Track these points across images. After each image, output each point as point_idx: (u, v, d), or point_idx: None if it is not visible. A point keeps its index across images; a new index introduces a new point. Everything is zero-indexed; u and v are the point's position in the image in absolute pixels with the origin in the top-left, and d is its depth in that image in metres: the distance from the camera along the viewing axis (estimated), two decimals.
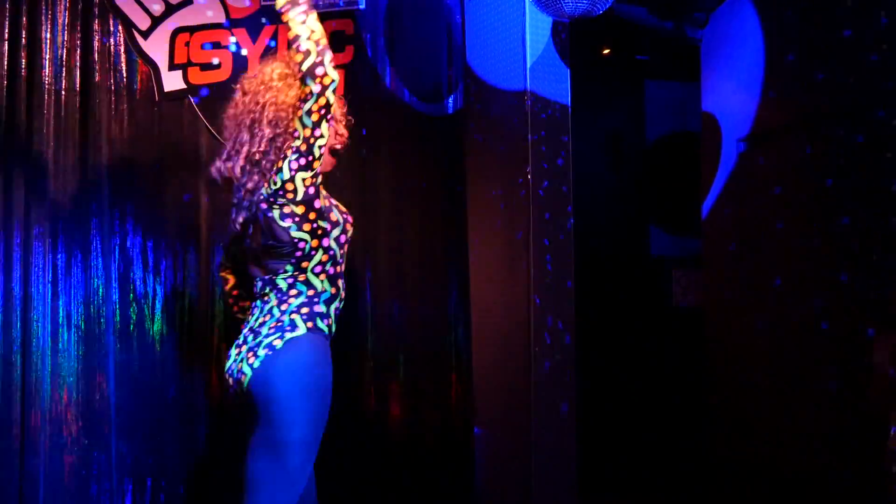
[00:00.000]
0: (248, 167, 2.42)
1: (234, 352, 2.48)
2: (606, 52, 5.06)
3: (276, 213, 2.42)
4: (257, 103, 2.43)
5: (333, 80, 2.38)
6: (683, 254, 5.28)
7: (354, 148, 3.91)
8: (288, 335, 2.39)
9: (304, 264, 2.47)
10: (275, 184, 2.40)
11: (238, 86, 2.56)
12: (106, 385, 3.44)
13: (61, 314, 3.42)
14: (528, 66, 3.80)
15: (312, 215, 2.45)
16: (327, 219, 2.51)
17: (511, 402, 3.85)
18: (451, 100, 4.16)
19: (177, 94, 3.63)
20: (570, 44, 3.94)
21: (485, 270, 4.03)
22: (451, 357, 4.10)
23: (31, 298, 3.37)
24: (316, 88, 2.34)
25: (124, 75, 3.56)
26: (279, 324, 2.41)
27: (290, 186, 2.40)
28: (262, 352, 2.37)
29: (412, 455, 3.96)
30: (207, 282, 3.68)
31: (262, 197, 2.42)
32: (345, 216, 2.63)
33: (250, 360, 2.38)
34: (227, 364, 2.47)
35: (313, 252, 2.47)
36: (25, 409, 3.33)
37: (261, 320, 2.46)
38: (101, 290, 3.48)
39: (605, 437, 5.00)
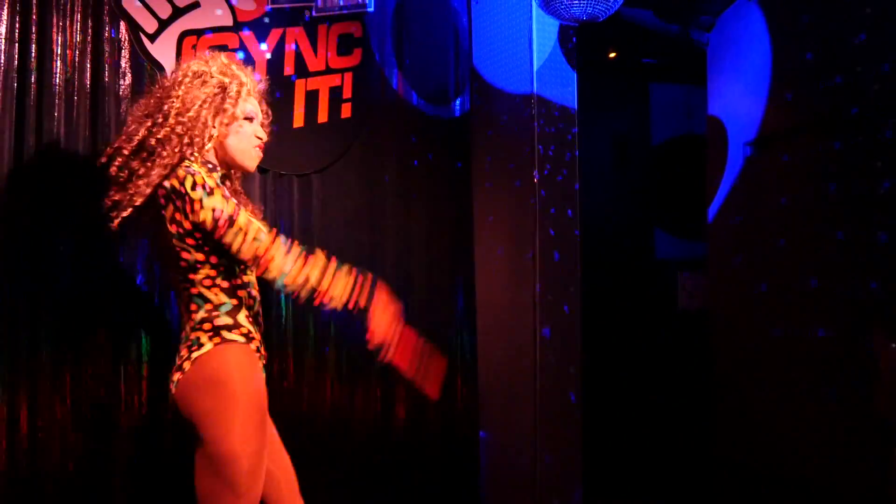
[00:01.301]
0: (142, 156, 2.40)
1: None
2: (613, 55, 5.06)
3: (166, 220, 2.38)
4: (168, 96, 2.44)
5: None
6: (689, 257, 5.28)
7: (361, 150, 3.94)
8: (195, 353, 2.34)
9: (190, 276, 2.39)
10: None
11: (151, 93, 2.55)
12: None
13: (71, 311, 3.41)
14: (535, 69, 3.81)
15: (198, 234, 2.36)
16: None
17: (517, 406, 3.86)
18: (458, 102, 4.16)
19: None
20: (577, 47, 3.95)
21: (491, 274, 4.04)
22: (457, 360, 4.10)
23: (41, 294, 3.36)
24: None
25: (131, 78, 3.56)
26: (188, 342, 2.38)
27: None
28: (175, 376, 2.36)
29: (417, 458, 3.95)
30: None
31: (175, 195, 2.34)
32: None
33: (170, 385, 2.38)
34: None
35: (199, 265, 2.38)
36: None
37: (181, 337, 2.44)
38: (108, 289, 3.48)
39: (611, 441, 4.99)
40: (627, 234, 5.40)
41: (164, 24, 3.61)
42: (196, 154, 2.40)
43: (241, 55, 3.69)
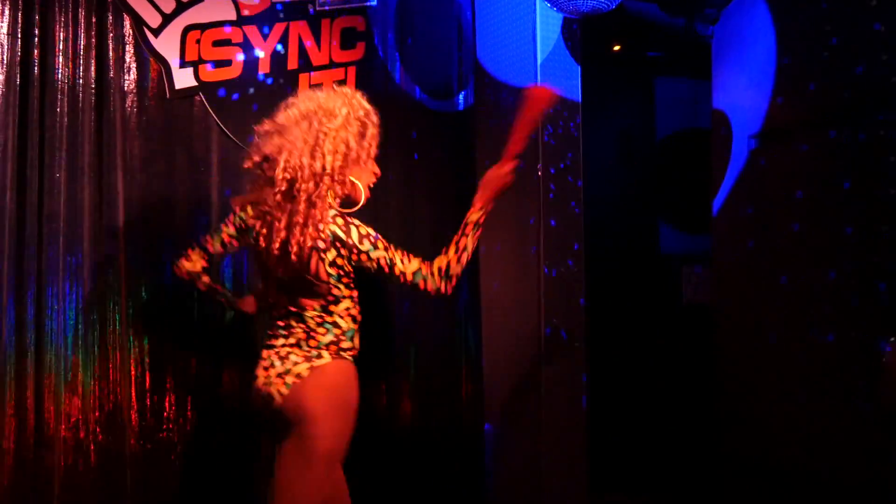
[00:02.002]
0: (301, 195, 2.47)
1: (261, 374, 2.63)
2: (617, 48, 5.05)
3: (328, 257, 2.50)
4: (320, 131, 2.49)
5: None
6: (693, 251, 5.27)
7: None
8: (315, 363, 2.55)
9: (331, 308, 2.59)
10: (343, 243, 2.50)
11: (286, 107, 2.60)
12: None
13: (75, 309, 3.43)
14: (539, 62, 3.81)
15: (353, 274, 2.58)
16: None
17: (521, 399, 3.86)
18: (461, 96, 4.16)
19: (188, 92, 3.63)
20: (581, 40, 3.94)
21: (495, 267, 4.04)
22: (462, 354, 4.11)
23: (46, 294, 3.38)
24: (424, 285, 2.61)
25: (135, 73, 3.57)
26: (307, 355, 2.57)
27: (364, 257, 2.53)
28: (290, 379, 2.56)
29: (423, 451, 3.96)
30: (218, 275, 3.69)
31: (318, 236, 2.47)
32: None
33: (280, 388, 2.56)
34: (257, 382, 2.63)
35: (343, 299, 2.59)
36: None
37: (287, 350, 2.59)
38: (115, 284, 3.50)
39: (615, 435, 4.99)
40: (632, 228, 5.39)
41: (167, 19, 3.62)
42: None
43: (244, 49, 3.71)
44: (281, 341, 2.62)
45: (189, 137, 3.66)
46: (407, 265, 2.57)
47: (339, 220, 2.51)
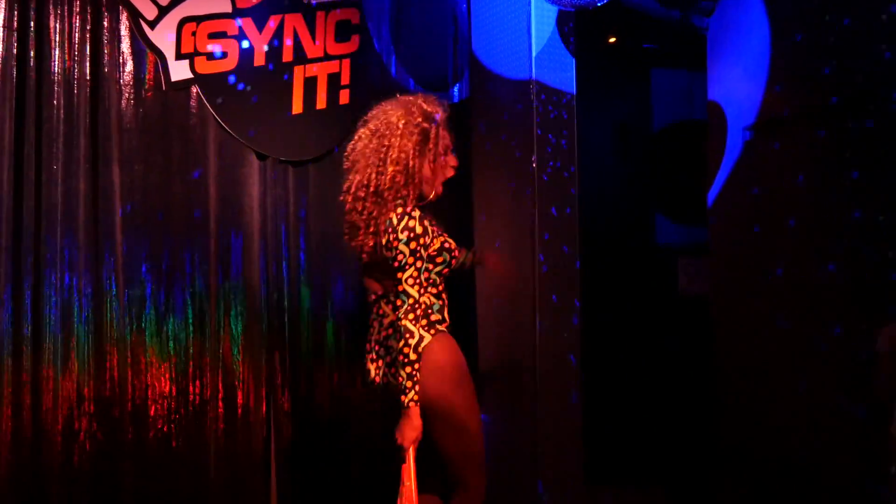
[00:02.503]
0: (375, 198, 2.75)
1: (371, 366, 2.85)
2: (613, 40, 5.05)
3: (381, 241, 2.76)
4: (383, 145, 2.76)
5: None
6: (689, 242, 5.27)
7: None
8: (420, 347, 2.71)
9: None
10: (393, 228, 2.74)
11: (363, 123, 2.87)
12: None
13: (73, 300, 3.46)
14: (534, 55, 3.82)
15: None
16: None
17: (517, 389, 3.88)
18: (456, 88, 4.18)
19: (184, 84, 3.65)
20: (577, 32, 3.95)
21: (490, 259, 4.05)
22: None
23: (43, 284, 3.41)
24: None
25: (132, 66, 3.58)
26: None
27: (395, 243, 2.73)
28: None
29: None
30: (216, 268, 3.72)
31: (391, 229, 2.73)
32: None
33: (398, 377, 2.72)
34: (370, 376, 2.85)
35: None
36: None
37: (383, 333, 2.81)
38: (112, 277, 3.52)
39: (611, 426, 5.01)
40: (628, 219, 5.39)
41: (163, 11, 3.64)
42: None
43: (239, 41, 3.72)
44: (377, 328, 2.84)
45: (185, 129, 3.69)
46: (410, 293, 2.72)
47: (399, 210, 2.74)
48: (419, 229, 2.73)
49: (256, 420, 3.74)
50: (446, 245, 2.83)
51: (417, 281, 2.74)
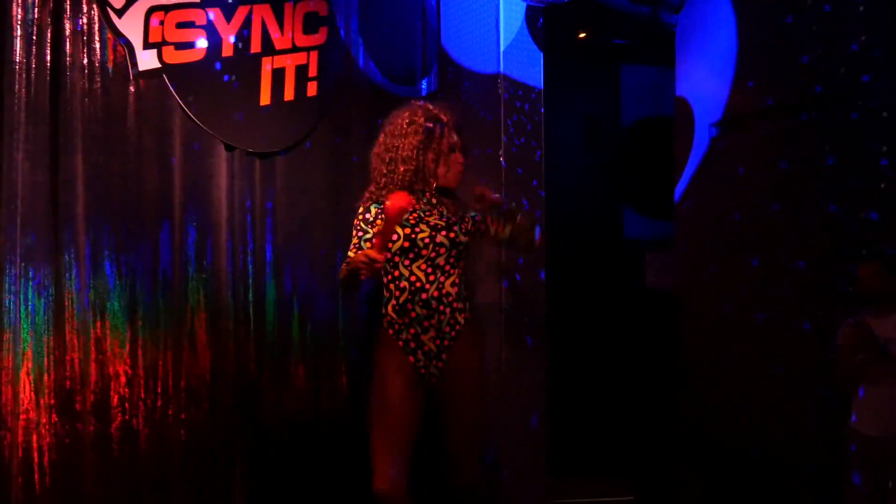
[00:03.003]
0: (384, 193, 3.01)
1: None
2: (583, 36, 5.07)
3: None
4: (394, 145, 3.03)
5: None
6: (657, 237, 5.31)
7: (327, 130, 3.96)
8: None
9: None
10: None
11: (381, 127, 3.11)
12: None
13: (33, 292, 3.44)
14: (502, 49, 3.84)
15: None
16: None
17: (481, 380, 3.89)
18: (424, 82, 4.18)
19: (151, 74, 3.63)
20: (547, 28, 3.98)
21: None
22: None
23: (3, 275, 3.39)
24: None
25: (97, 54, 3.56)
26: None
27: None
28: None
29: None
30: (181, 258, 3.71)
31: None
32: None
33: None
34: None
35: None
36: None
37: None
38: (73, 268, 3.50)
39: (576, 418, 5.05)
40: (597, 214, 5.42)
41: (131, 0, 3.62)
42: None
43: (207, 31, 3.72)
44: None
45: (151, 119, 3.67)
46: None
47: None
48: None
49: (222, 411, 3.74)
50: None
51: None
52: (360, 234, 3.01)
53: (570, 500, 4.28)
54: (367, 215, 3.03)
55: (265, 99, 3.80)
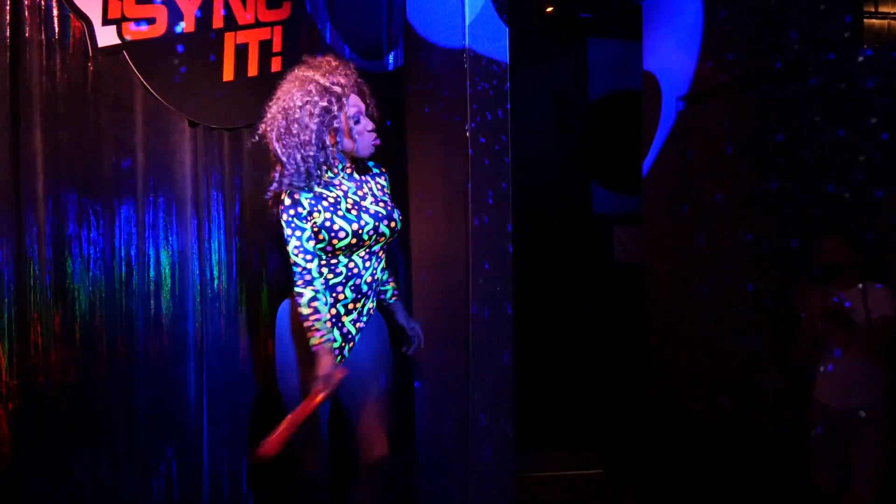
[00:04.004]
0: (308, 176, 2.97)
1: None
2: (550, 10, 5.06)
3: None
4: (292, 130, 2.90)
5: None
6: (625, 211, 5.34)
7: None
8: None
9: None
10: None
11: (274, 102, 2.98)
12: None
13: None
14: (467, 23, 3.80)
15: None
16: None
17: (450, 355, 3.90)
18: (391, 56, 4.15)
19: (111, 50, 3.58)
20: (513, 2, 3.95)
21: (424, 223, 4.06)
22: None
23: None
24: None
25: (56, 30, 3.50)
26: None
27: None
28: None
29: None
30: (144, 237, 3.67)
31: None
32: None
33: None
34: None
35: None
36: None
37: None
38: (34, 246, 3.46)
39: (546, 390, 5.08)
40: (565, 189, 5.44)
41: None
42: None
43: (168, 6, 3.66)
44: None
45: (112, 96, 3.62)
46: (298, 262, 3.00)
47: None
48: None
49: (184, 390, 3.73)
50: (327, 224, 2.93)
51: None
52: (299, 234, 2.91)
53: (539, 473, 4.31)
54: (299, 209, 2.91)
55: (228, 75, 3.76)
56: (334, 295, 2.97)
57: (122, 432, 3.63)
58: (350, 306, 3.00)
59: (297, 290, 2.88)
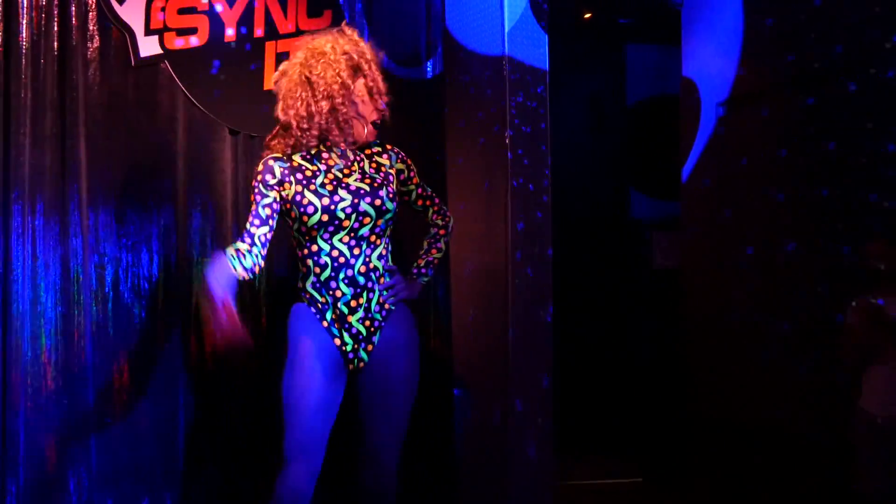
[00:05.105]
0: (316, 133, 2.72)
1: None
2: (588, 15, 5.05)
3: None
4: (312, 78, 2.66)
5: None
6: (663, 217, 5.32)
7: None
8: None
9: None
10: None
11: (290, 59, 2.79)
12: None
13: (40, 275, 3.46)
14: (506, 31, 3.81)
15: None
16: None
17: (490, 363, 3.90)
18: (429, 64, 4.16)
19: (153, 60, 3.63)
20: (551, 8, 3.95)
21: (464, 232, 4.06)
22: (431, 319, 4.13)
23: (11, 260, 3.41)
24: None
25: (99, 41, 3.56)
26: None
27: None
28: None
29: None
30: (185, 245, 3.71)
31: None
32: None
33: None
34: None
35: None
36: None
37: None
38: (79, 252, 3.52)
39: (584, 397, 5.07)
40: (602, 194, 5.43)
41: None
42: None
43: (209, 16, 3.70)
44: None
45: (154, 105, 3.67)
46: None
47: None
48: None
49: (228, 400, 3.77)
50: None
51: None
52: (259, 199, 2.65)
53: (578, 482, 4.30)
54: (268, 176, 2.65)
55: (269, 84, 3.79)
56: (331, 293, 2.67)
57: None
58: (353, 304, 2.68)
59: (232, 246, 2.64)
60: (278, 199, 2.67)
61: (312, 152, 2.72)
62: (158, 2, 3.63)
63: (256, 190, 2.65)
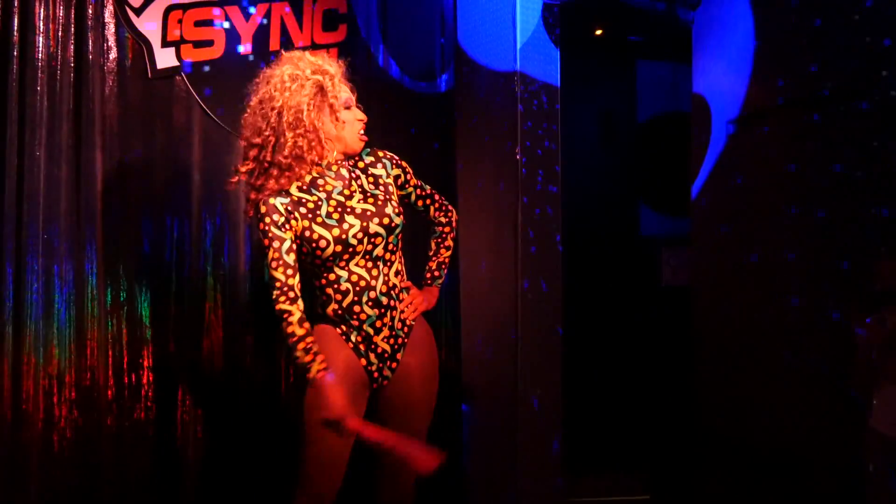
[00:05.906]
0: (279, 172, 2.56)
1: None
2: (599, 32, 5.07)
3: None
4: (273, 108, 2.52)
5: None
6: (673, 234, 5.31)
7: None
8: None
9: None
10: None
11: (253, 92, 2.64)
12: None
13: (55, 288, 3.47)
14: (518, 47, 3.83)
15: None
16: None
17: (498, 379, 3.90)
18: (443, 79, 4.18)
19: (170, 72, 3.65)
20: (563, 24, 3.96)
21: (474, 248, 4.07)
22: (441, 334, 4.14)
23: (26, 271, 3.42)
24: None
25: (116, 52, 3.59)
26: None
27: None
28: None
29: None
30: (199, 256, 3.72)
31: None
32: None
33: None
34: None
35: None
36: None
37: None
38: (93, 264, 3.53)
39: (593, 415, 5.05)
40: (613, 211, 5.42)
41: None
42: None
43: (226, 28, 3.72)
44: None
45: (170, 117, 3.70)
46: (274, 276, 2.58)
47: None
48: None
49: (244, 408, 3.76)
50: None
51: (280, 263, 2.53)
52: (277, 244, 2.52)
53: (585, 499, 4.27)
54: (276, 216, 2.52)
55: None
56: (356, 317, 2.62)
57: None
58: (378, 324, 2.65)
59: (281, 308, 2.50)
60: (293, 238, 2.56)
61: (307, 179, 2.62)
62: (175, 13, 3.66)
63: (270, 235, 2.52)
